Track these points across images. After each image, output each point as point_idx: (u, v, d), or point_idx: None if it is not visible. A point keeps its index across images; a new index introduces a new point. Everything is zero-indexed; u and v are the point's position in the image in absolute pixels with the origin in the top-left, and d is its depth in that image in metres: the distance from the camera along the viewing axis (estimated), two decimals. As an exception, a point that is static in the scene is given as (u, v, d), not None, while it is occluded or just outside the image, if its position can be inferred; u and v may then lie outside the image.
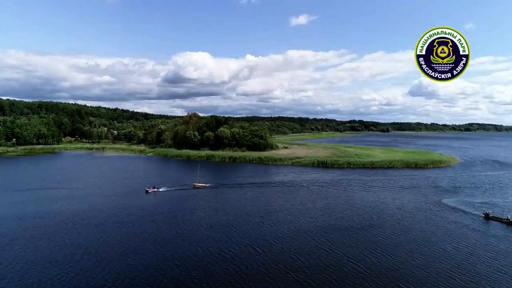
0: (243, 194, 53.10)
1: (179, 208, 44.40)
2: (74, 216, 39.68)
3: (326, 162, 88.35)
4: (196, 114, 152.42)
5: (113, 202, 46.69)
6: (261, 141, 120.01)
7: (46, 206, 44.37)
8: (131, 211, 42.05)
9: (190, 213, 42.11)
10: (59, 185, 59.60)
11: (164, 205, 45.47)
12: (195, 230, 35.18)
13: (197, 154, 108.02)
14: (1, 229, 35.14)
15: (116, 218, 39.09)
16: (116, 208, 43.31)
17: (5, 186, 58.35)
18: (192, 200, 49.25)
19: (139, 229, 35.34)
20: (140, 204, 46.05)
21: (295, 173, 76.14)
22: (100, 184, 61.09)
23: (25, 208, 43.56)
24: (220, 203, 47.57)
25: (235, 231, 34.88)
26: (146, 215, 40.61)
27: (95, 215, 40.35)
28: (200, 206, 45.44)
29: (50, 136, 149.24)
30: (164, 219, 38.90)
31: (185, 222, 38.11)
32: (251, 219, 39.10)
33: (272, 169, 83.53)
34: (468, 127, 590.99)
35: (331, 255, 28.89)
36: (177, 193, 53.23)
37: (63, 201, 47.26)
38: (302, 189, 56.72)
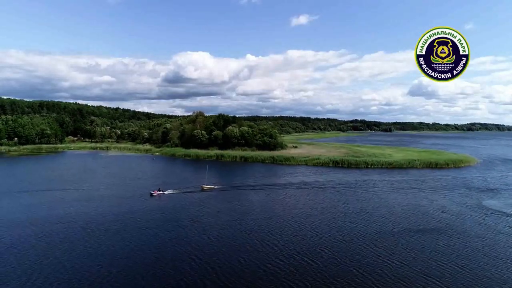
0: (258, 197, 49.04)
1: (185, 214, 39.95)
2: (90, 221, 36.25)
3: (343, 162, 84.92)
4: (202, 113, 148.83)
5: (116, 207, 42.67)
6: (271, 140, 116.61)
7: (58, 210, 40.93)
8: (134, 217, 38.18)
9: (197, 220, 37.40)
10: (69, 186, 56.17)
11: (169, 210, 41.13)
12: (204, 242, 30.68)
13: (206, 154, 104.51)
14: (14, 236, 31.66)
15: (118, 225, 35.46)
16: (119, 214, 39.25)
17: (13, 187, 54.81)
18: (200, 204, 44.67)
19: (139, 240, 31.88)
20: (143, 208, 42.11)
21: (313, 173, 72.75)
22: (108, 185, 57.68)
23: (37, 211, 40.16)
24: (234, 207, 43.19)
25: (258, 242, 30.57)
26: (149, 221, 36.70)
27: (100, 221, 36.95)
28: (209, 212, 40.73)
29: (53, 135, 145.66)
30: (167, 228, 34.21)
31: (192, 232, 33.30)
32: (277, 224, 35.68)
33: (287, 169, 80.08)
34: (470, 127, 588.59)
35: (394, 265, 25.49)
36: (183, 197, 48.97)
37: (73, 204, 43.78)
38: (328, 191, 53.25)
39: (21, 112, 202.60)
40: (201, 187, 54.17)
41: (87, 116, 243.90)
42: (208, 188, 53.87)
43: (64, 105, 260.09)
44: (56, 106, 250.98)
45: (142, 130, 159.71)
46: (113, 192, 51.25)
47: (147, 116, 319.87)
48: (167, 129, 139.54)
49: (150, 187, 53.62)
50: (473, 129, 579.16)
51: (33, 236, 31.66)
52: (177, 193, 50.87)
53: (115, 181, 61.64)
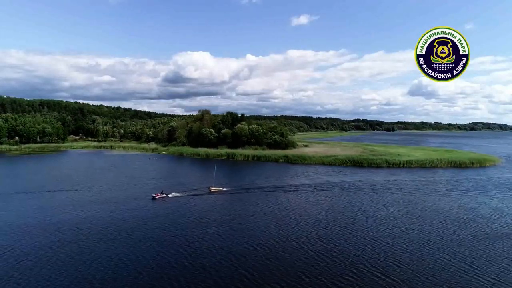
0: (276, 201, 43.76)
1: (188, 220, 34.85)
2: (107, 228, 32.16)
3: (362, 161, 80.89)
4: (208, 111, 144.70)
5: (114, 211, 38.28)
6: (282, 138, 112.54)
7: (63, 214, 36.88)
8: (126, 226, 33.03)
9: (201, 229, 31.98)
10: (80, 186, 52.17)
11: (171, 217, 36.30)
12: (209, 256, 25.73)
13: (216, 153, 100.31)
14: (30, 246, 27.60)
15: (108, 235, 31.60)
16: (114, 220, 35.19)
17: (20, 188, 50.67)
18: (206, 209, 39.48)
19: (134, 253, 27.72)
20: (143, 214, 36.99)
21: (336, 172, 68.73)
22: (112, 185, 53.60)
23: (52, 215, 36.17)
24: (247, 213, 37.97)
25: (279, 259, 25.38)
26: (147, 229, 31.98)
27: (95, 229, 32.81)
28: (216, 219, 35.49)
29: (55, 134, 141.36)
30: (165, 240, 29.01)
31: (195, 245, 28.03)
32: (302, 233, 31.47)
33: (304, 168, 75.95)
34: (473, 126, 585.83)
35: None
36: (188, 200, 43.94)
37: (85, 207, 39.74)
38: (361, 192, 49.08)
39: (21, 111, 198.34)
40: (208, 189, 49.57)
41: (88, 115, 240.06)
42: (217, 191, 49.20)
43: (65, 104, 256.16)
44: (57, 105, 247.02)
45: (146, 129, 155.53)
46: (114, 195, 46.55)
47: (148, 115, 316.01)
48: (173, 127, 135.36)
49: (153, 188, 49.41)
50: (476, 128, 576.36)
51: (48, 244, 27.56)
52: (182, 196, 45.94)
53: (120, 182, 57.42)
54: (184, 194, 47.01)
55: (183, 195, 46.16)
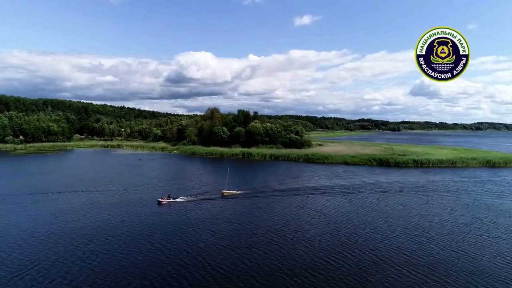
0: (300, 205, 38.51)
1: (197, 229, 29.82)
2: (99, 241, 27.86)
3: (388, 160, 76.41)
4: (217, 109, 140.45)
5: (115, 217, 34.62)
6: (297, 137, 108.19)
7: (91, 217, 32.69)
8: (123, 238, 28.36)
9: (212, 240, 27.17)
10: (102, 187, 47.95)
11: (178, 225, 31.30)
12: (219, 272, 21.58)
13: (231, 152, 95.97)
14: (54, 257, 23.55)
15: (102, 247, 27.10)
16: (113, 228, 31.13)
17: (32, 189, 46.56)
18: (218, 217, 33.98)
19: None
20: (146, 222, 31.97)
21: (365, 173, 64.30)
22: (128, 186, 49.42)
23: (75, 219, 31.98)
24: (266, 221, 32.70)
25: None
26: (150, 238, 27.65)
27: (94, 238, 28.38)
28: (231, 228, 30.31)
29: (60, 133, 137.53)
30: (167, 254, 24.28)
31: (203, 258, 23.64)
32: (345, 246, 27.08)
33: (329, 168, 71.52)
34: (478, 126, 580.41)
35: None
36: (198, 205, 38.63)
37: (84, 212, 35.54)
38: (402, 195, 44.70)
39: (25, 110, 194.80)
40: (221, 192, 44.25)
41: (92, 115, 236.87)
42: (230, 194, 43.99)
43: (69, 103, 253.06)
44: (60, 104, 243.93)
45: (154, 128, 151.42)
46: (118, 197, 42.64)
47: (153, 115, 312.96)
48: (182, 126, 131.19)
49: (160, 192, 44.71)
50: (481, 128, 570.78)
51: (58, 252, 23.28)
52: (191, 200, 40.73)
53: (127, 183, 53.24)
54: (193, 198, 41.63)
55: (192, 200, 40.84)
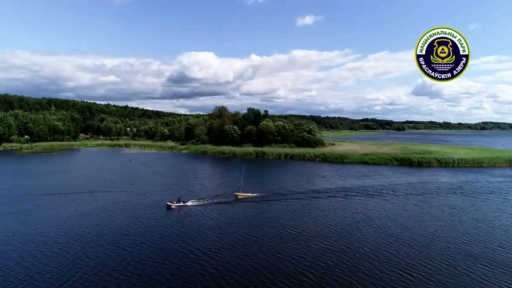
0: (326, 210, 35.03)
1: (210, 237, 26.61)
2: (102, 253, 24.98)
3: (410, 160, 73.30)
4: (225, 108, 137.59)
5: (121, 225, 32.19)
6: (310, 136, 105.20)
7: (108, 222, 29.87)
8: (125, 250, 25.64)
9: (227, 251, 23.84)
10: (117, 187, 45.18)
11: (188, 232, 28.06)
12: None
13: (243, 151, 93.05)
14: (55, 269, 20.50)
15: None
16: (118, 238, 28.70)
17: (47, 189, 43.83)
18: (233, 223, 30.71)
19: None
20: (154, 229, 28.79)
21: (391, 173, 61.42)
22: (137, 187, 46.59)
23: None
24: (289, 228, 29.22)
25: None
26: (155, 250, 24.32)
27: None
28: (247, 237, 26.74)
29: (66, 132, 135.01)
30: (177, 268, 21.11)
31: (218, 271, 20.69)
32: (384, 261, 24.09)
33: (350, 168, 68.52)
34: (483, 126, 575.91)
35: None
36: (210, 209, 35.38)
37: (86, 216, 32.72)
38: (446, 197, 41.65)
39: (29, 109, 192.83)
40: (235, 195, 41.27)
41: (96, 114, 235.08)
42: (245, 197, 40.95)
43: (73, 103, 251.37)
44: (64, 103, 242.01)
45: (161, 127, 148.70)
46: (125, 201, 39.95)
47: (157, 114, 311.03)
48: (191, 125, 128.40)
49: (170, 194, 41.69)
50: (486, 128, 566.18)
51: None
52: (202, 204, 37.55)
53: (137, 183, 50.51)
54: (205, 201, 38.49)
55: (204, 204, 37.67)
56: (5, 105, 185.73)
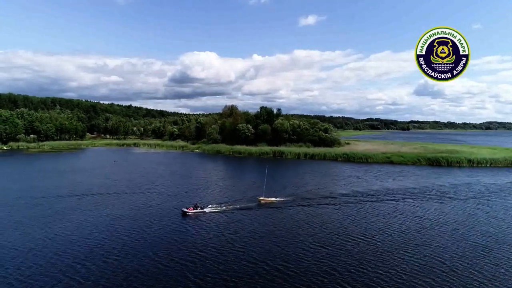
0: (367, 217, 31.55)
1: (236, 254, 22.44)
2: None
3: (439, 160, 69.79)
4: (235, 107, 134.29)
5: (130, 237, 28.78)
6: (327, 135, 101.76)
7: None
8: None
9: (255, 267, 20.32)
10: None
11: (210, 245, 24.11)
12: None
13: (260, 150, 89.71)
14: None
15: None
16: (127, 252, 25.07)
17: (67, 190, 40.60)
18: (258, 231, 26.86)
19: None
20: (169, 240, 24.99)
21: (426, 174, 58.08)
22: (148, 189, 43.25)
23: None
24: (331, 238, 26.20)
25: None
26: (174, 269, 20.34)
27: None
28: (279, 250, 22.97)
29: (73, 131, 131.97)
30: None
31: None
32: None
33: (378, 168, 65.08)
34: (488, 126, 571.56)
35: None
36: (232, 217, 31.37)
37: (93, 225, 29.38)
38: (500, 200, 38.37)
39: (34, 108, 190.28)
40: (258, 199, 37.25)
41: (101, 113, 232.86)
42: (269, 202, 36.82)
43: (77, 102, 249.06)
44: (69, 102, 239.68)
45: (169, 126, 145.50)
46: (136, 207, 36.43)
47: (161, 114, 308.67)
48: (201, 124, 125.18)
49: (185, 200, 37.49)
50: (491, 128, 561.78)
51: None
52: (222, 210, 33.61)
53: (149, 187, 47.18)
54: (225, 207, 34.60)
55: (223, 210, 33.78)
56: (9, 104, 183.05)
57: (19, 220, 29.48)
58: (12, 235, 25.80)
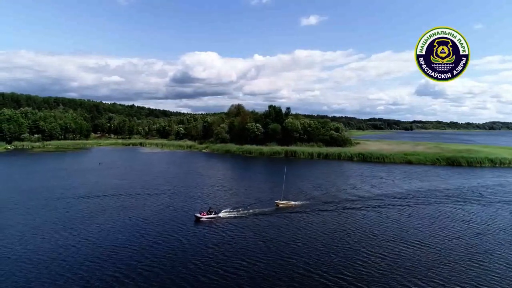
0: (399, 224, 29.33)
1: (256, 263, 20.41)
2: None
3: (459, 160, 67.54)
4: (242, 105, 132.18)
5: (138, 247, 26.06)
6: (339, 134, 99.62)
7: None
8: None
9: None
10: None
11: (227, 256, 21.64)
12: None
13: (271, 150, 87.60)
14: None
15: None
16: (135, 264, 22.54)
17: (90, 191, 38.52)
18: (280, 241, 24.21)
19: None
20: (181, 250, 22.39)
21: (451, 174, 55.87)
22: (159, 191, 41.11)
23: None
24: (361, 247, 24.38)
25: None
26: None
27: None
28: (305, 262, 20.52)
29: (78, 131, 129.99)
30: None
31: None
32: None
33: (397, 169, 62.88)
34: (491, 126, 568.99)
35: None
36: (249, 222, 28.95)
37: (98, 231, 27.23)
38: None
39: (37, 108, 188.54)
40: (275, 203, 34.86)
41: (103, 113, 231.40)
42: (287, 206, 34.35)
43: (80, 102, 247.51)
44: (72, 102, 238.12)
45: (175, 126, 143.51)
46: (147, 211, 34.06)
47: (164, 114, 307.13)
48: (208, 123, 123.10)
49: (197, 203, 35.14)
50: (495, 128, 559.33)
51: None
52: (237, 215, 31.08)
53: (158, 190, 45.00)
54: (240, 212, 32.07)
55: (239, 215, 31.23)
56: (12, 104, 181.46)
57: (37, 225, 27.42)
58: (32, 242, 23.74)
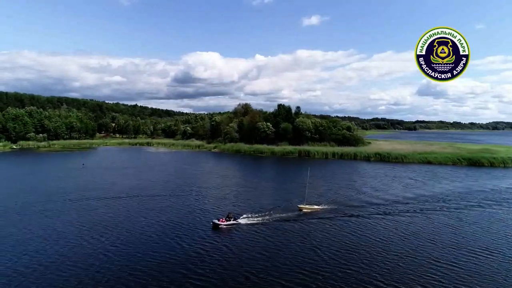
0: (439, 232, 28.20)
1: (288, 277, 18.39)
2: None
3: (481, 160, 65.50)
4: (249, 104, 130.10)
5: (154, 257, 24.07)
6: (351, 134, 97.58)
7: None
8: None
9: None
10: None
11: (251, 266, 19.77)
12: None
13: (283, 150, 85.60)
14: None
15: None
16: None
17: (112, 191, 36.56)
18: (306, 249, 22.35)
19: None
20: (199, 262, 20.11)
21: (476, 174, 54.02)
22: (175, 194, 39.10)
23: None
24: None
25: None
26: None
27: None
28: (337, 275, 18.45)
29: (84, 130, 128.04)
30: None
31: None
32: None
33: (418, 169, 60.84)
34: (495, 126, 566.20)
35: None
36: (270, 229, 26.76)
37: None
38: None
39: (41, 107, 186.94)
40: (298, 207, 32.54)
41: (107, 113, 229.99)
42: (311, 210, 32.09)
43: (83, 101, 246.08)
44: (75, 102, 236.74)
45: (181, 125, 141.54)
46: (161, 219, 31.38)
47: (167, 113, 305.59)
48: (216, 122, 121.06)
49: (214, 208, 32.68)
50: (498, 128, 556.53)
51: None
52: (258, 221, 28.69)
53: (174, 195, 42.96)
54: (261, 218, 29.61)
55: (260, 221, 28.82)
56: (16, 103, 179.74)
57: (57, 229, 25.49)
58: (54, 247, 21.79)
